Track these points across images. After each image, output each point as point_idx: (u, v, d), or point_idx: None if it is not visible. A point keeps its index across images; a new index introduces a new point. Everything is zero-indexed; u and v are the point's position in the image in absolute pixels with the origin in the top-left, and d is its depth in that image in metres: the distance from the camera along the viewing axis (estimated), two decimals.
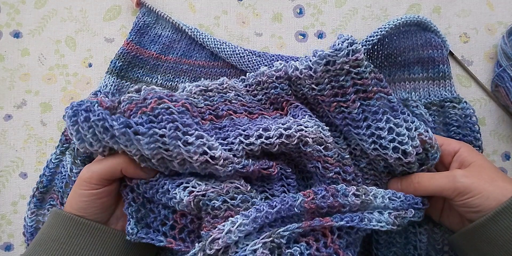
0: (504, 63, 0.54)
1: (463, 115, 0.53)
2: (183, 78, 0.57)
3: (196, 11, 0.59)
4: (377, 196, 0.44)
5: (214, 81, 0.51)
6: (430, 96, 0.55)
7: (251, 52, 0.56)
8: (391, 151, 0.45)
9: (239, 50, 0.56)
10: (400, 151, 0.45)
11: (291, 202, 0.42)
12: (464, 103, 0.53)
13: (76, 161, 0.51)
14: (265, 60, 0.55)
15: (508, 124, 0.57)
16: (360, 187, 0.45)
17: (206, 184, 0.43)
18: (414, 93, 0.55)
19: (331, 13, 0.59)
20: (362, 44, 0.52)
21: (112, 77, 0.56)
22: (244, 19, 0.59)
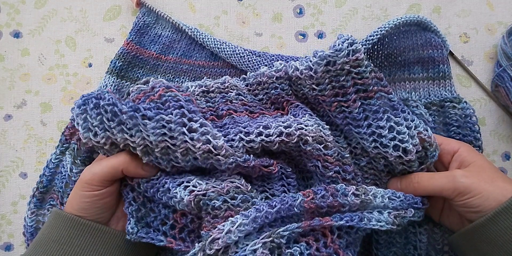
0: (504, 63, 0.54)
1: (463, 115, 0.53)
2: (183, 78, 0.57)
3: (196, 11, 0.59)
4: (376, 196, 0.44)
5: (216, 80, 0.51)
6: (430, 96, 0.55)
7: (251, 52, 0.56)
8: (391, 149, 0.45)
9: (239, 50, 0.56)
10: (401, 149, 0.45)
11: (291, 202, 0.42)
12: (464, 103, 0.53)
13: (76, 161, 0.51)
14: (265, 60, 0.55)
15: (508, 124, 0.57)
16: (359, 187, 0.45)
17: (206, 183, 0.43)
18: (414, 93, 0.55)
19: (331, 13, 0.59)
20: (362, 44, 0.52)
21: (112, 77, 0.56)
22: (244, 19, 0.59)
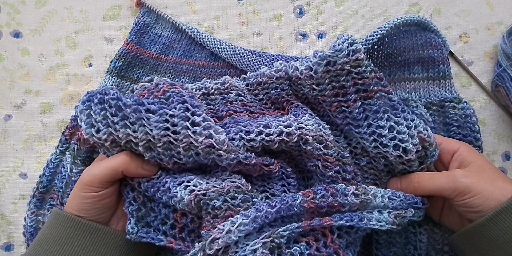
0: (504, 63, 0.54)
1: (463, 115, 0.53)
2: (183, 78, 0.57)
3: (196, 11, 0.59)
4: (376, 196, 0.44)
5: (216, 80, 0.51)
6: (430, 96, 0.55)
7: (251, 52, 0.56)
8: (391, 149, 0.45)
9: (239, 50, 0.56)
10: (401, 149, 0.45)
11: (291, 201, 0.42)
12: (464, 103, 0.53)
13: (76, 161, 0.51)
14: (265, 60, 0.55)
15: (508, 124, 0.57)
16: (359, 187, 0.45)
17: (207, 183, 0.43)
18: (414, 93, 0.55)
19: (331, 13, 0.59)
20: (362, 44, 0.52)
21: (112, 77, 0.56)
22: (244, 19, 0.59)
